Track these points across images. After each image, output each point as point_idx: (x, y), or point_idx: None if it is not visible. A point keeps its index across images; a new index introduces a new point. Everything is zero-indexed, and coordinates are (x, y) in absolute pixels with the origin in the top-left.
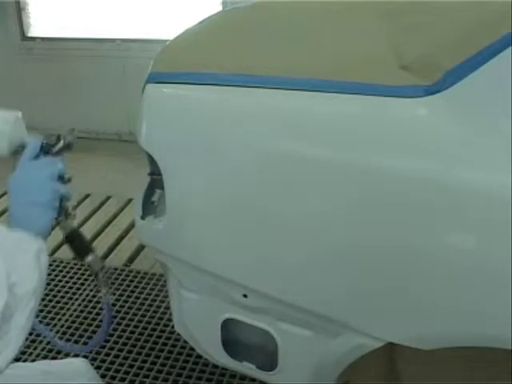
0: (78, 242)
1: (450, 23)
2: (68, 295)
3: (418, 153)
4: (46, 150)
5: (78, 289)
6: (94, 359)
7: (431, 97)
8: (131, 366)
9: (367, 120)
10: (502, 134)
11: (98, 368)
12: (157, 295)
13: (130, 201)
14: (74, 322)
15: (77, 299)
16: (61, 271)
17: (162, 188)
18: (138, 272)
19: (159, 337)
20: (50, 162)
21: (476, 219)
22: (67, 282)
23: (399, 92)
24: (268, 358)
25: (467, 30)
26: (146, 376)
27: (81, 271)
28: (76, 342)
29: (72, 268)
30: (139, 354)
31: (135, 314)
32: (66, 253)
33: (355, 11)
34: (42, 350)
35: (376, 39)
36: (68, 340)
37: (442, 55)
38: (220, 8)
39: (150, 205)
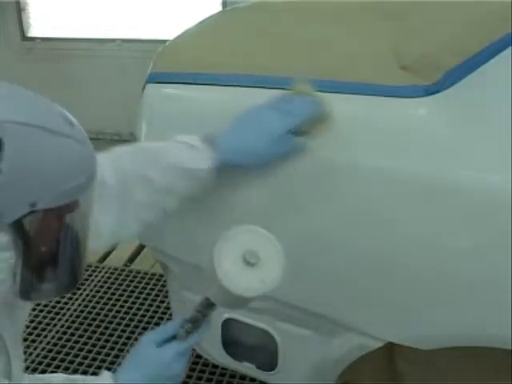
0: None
1: (450, 23)
2: (68, 295)
3: (418, 153)
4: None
5: (78, 289)
6: (94, 359)
7: (431, 97)
8: None
9: (367, 120)
10: (501, 133)
11: (98, 368)
12: (157, 295)
13: None
14: (73, 322)
15: (77, 299)
16: None
17: None
18: (138, 272)
19: None
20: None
21: (476, 219)
22: None
23: (399, 92)
24: (268, 357)
25: (467, 30)
26: None
27: None
28: (76, 342)
29: None
30: None
31: (135, 314)
32: None
33: (355, 11)
34: (43, 349)
35: (376, 39)
36: (68, 340)
37: (442, 55)
38: (220, 8)
39: None
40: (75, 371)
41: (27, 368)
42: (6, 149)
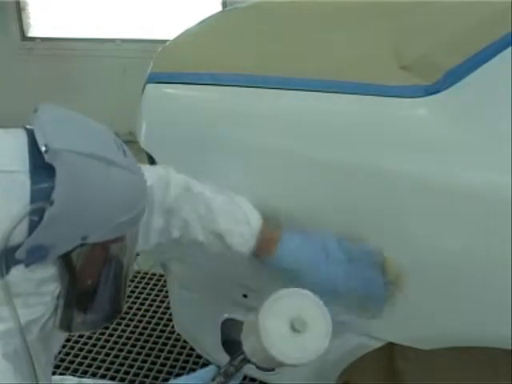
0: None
1: (450, 23)
2: None
3: (418, 153)
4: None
5: None
6: (94, 359)
7: (431, 97)
8: (131, 366)
9: (367, 120)
10: (501, 134)
11: (98, 368)
12: (157, 295)
13: None
14: None
15: None
16: None
17: None
18: (138, 272)
19: (159, 337)
20: None
21: (475, 219)
22: None
23: (399, 92)
24: None
25: (467, 30)
26: (146, 376)
27: None
28: (76, 342)
29: None
30: (139, 353)
31: (135, 314)
32: None
33: (355, 11)
34: None
35: (376, 39)
36: (68, 340)
37: (442, 55)
38: (220, 8)
39: None
40: (75, 371)
41: None
42: (59, 179)
